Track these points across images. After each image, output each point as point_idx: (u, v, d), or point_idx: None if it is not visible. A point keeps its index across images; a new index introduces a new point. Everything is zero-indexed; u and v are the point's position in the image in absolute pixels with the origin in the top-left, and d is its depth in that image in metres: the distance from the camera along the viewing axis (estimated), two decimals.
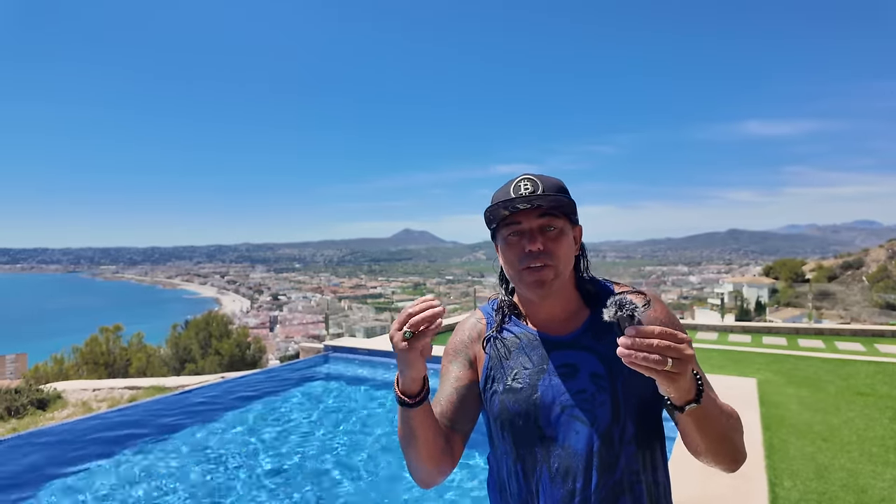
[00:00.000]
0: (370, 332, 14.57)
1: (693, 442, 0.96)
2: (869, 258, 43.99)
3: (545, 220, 1.06)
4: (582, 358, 1.05)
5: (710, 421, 0.91)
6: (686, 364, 0.80)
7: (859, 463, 3.77)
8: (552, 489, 1.01)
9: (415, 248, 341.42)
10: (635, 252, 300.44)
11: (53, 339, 20.81)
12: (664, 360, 0.78)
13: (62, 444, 4.90)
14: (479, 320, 1.19)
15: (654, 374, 0.80)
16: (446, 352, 1.18)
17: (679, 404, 0.87)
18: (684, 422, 0.91)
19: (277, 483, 4.12)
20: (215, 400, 6.29)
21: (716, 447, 0.95)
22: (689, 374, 0.84)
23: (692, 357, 0.81)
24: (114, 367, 11.80)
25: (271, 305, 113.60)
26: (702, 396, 0.87)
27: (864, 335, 9.54)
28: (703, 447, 0.95)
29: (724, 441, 0.95)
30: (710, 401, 0.91)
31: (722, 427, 0.94)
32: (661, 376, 0.80)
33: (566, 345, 1.08)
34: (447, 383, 1.13)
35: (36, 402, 6.58)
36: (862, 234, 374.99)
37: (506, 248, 1.08)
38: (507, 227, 1.07)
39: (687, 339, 0.81)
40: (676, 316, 1.14)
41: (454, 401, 1.11)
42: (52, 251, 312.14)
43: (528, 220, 1.05)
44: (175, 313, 48.23)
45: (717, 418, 0.93)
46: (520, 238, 1.06)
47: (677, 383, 0.82)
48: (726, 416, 0.96)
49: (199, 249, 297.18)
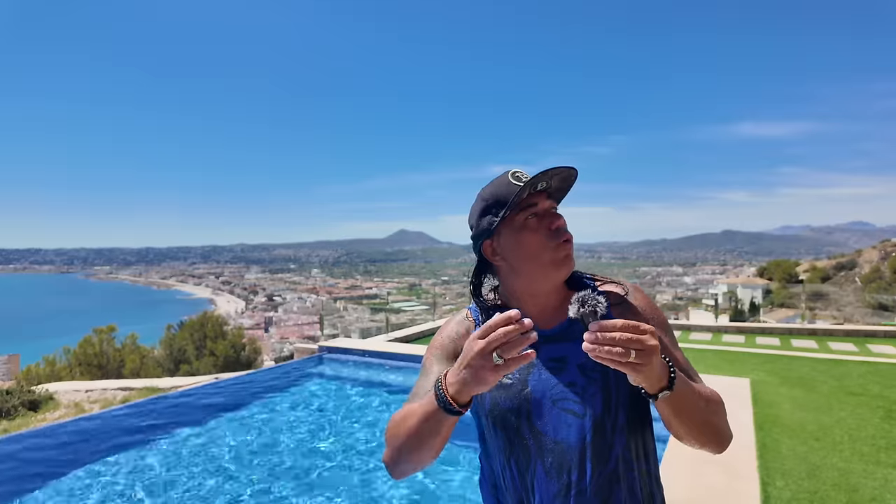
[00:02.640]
0: (365, 333, 14.53)
1: (674, 427, 0.98)
2: (862, 259, 44.26)
3: (553, 202, 1.09)
4: (570, 351, 1.05)
5: (687, 406, 0.93)
6: (649, 354, 0.82)
7: (851, 462, 3.79)
8: (547, 483, 1.00)
9: (410, 249, 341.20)
10: (631, 253, 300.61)
11: (47, 341, 20.66)
12: (627, 353, 0.80)
13: (54, 445, 4.87)
14: (466, 318, 1.19)
15: (619, 366, 0.82)
16: (432, 347, 1.18)
17: (652, 392, 0.89)
18: (661, 408, 0.93)
19: (271, 484, 4.10)
20: (209, 401, 6.26)
21: (697, 431, 0.97)
22: (657, 363, 0.85)
23: (655, 347, 0.82)
24: (107, 369, 11.73)
25: (266, 306, 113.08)
26: (674, 383, 0.89)
27: (856, 336, 9.60)
28: (684, 431, 0.97)
29: (706, 425, 0.97)
30: (684, 387, 0.92)
31: (701, 412, 0.96)
32: (627, 368, 0.82)
33: (554, 338, 1.08)
34: (429, 378, 1.12)
35: (28, 403, 6.53)
36: (855, 235, 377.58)
37: (527, 233, 1.06)
38: (523, 211, 1.06)
39: (650, 330, 0.82)
40: (658, 306, 1.16)
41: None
42: (45, 251, 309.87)
43: (543, 202, 1.07)
44: (169, 314, 47.94)
45: (694, 403, 0.94)
46: (539, 220, 1.06)
47: (644, 373, 0.84)
48: (705, 401, 0.98)
49: (194, 250, 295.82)
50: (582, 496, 0.99)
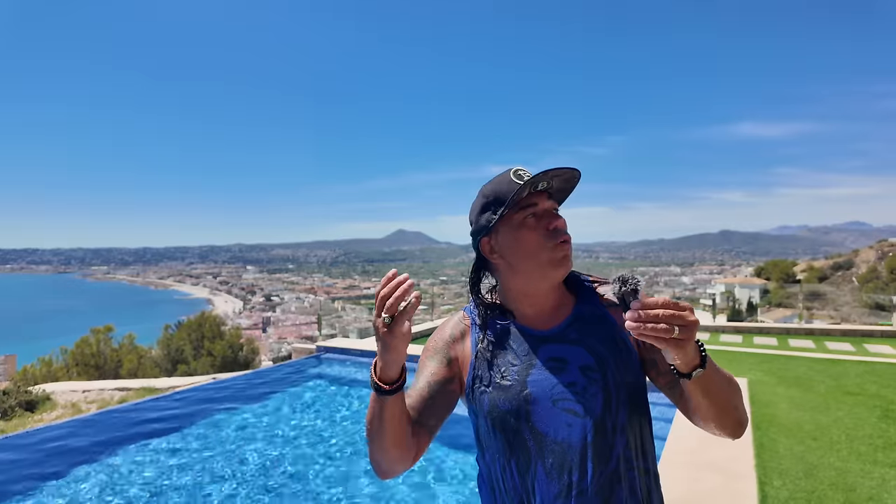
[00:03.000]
0: (363, 333, 14.52)
1: (702, 408, 0.96)
2: (859, 259, 44.42)
3: (553, 203, 1.09)
4: (570, 351, 1.05)
5: (715, 386, 0.93)
6: (691, 330, 0.82)
7: (848, 462, 3.80)
8: (548, 484, 1.00)
9: (408, 249, 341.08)
10: (628, 253, 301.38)
11: (44, 341, 20.61)
12: (671, 329, 0.81)
13: (51, 446, 4.86)
14: (461, 319, 1.19)
15: (662, 343, 0.82)
16: (426, 348, 1.18)
17: (686, 371, 0.89)
18: (692, 389, 0.92)
19: (268, 484, 4.10)
20: (206, 401, 6.25)
21: (722, 412, 0.96)
22: (694, 341, 0.86)
23: (696, 323, 0.83)
24: (104, 369, 11.69)
25: (264, 306, 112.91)
26: (706, 362, 0.89)
27: (853, 335, 9.64)
28: (712, 413, 0.96)
29: (729, 406, 0.97)
30: (713, 366, 0.93)
31: (726, 392, 0.96)
32: (671, 344, 0.82)
33: (552, 339, 1.08)
34: (421, 378, 1.12)
35: (24, 403, 6.51)
36: (852, 235, 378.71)
37: (525, 232, 1.06)
38: (523, 211, 1.06)
39: (689, 307, 0.83)
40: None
41: (425, 395, 1.09)
42: (42, 251, 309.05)
43: (543, 202, 1.07)
44: (167, 314, 47.86)
45: (720, 383, 0.94)
46: (538, 219, 1.06)
47: (684, 349, 0.84)
48: (727, 381, 0.98)
49: (192, 250, 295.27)
50: (583, 496, 0.98)
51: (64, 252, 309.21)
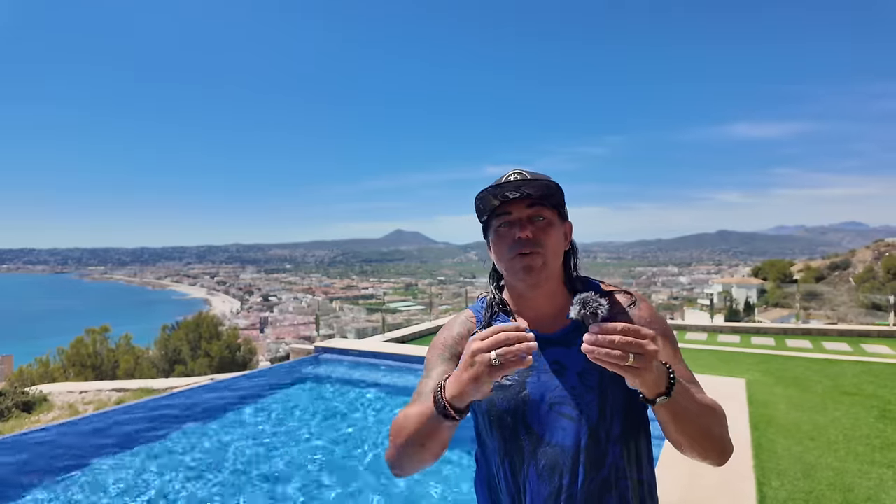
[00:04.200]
0: (361, 333, 14.50)
1: (672, 435, 0.97)
2: (856, 259, 44.56)
3: (534, 210, 1.08)
4: (570, 355, 1.06)
5: (686, 414, 0.93)
6: (648, 359, 0.82)
7: (846, 462, 3.81)
8: (539, 486, 1.01)
9: (406, 249, 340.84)
10: (626, 253, 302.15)
11: (40, 341, 20.56)
12: (625, 356, 0.81)
13: (47, 447, 4.84)
14: (468, 318, 1.20)
15: (617, 369, 0.83)
16: (434, 346, 1.19)
17: (650, 397, 0.89)
18: (660, 415, 0.93)
19: (267, 485, 4.09)
20: (204, 402, 6.23)
21: (697, 441, 0.96)
22: (656, 369, 0.85)
23: (655, 352, 0.83)
24: (101, 369, 11.67)
25: (262, 306, 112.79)
26: (672, 390, 0.89)
27: (850, 335, 9.67)
28: (684, 440, 0.97)
29: (706, 435, 0.97)
30: (684, 394, 0.92)
31: (700, 420, 0.95)
32: (625, 371, 0.83)
33: (555, 342, 1.09)
34: (432, 378, 1.12)
35: (21, 404, 6.49)
36: (849, 235, 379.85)
37: (496, 239, 1.10)
38: (497, 218, 1.10)
39: (651, 335, 0.83)
40: (663, 316, 1.16)
41: None
42: (38, 251, 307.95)
43: (519, 210, 1.08)
44: (164, 314, 47.78)
45: (693, 412, 0.94)
46: (510, 228, 1.08)
47: (642, 378, 0.84)
48: (706, 410, 0.97)
49: (189, 250, 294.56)
50: (572, 501, 0.99)
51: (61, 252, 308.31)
